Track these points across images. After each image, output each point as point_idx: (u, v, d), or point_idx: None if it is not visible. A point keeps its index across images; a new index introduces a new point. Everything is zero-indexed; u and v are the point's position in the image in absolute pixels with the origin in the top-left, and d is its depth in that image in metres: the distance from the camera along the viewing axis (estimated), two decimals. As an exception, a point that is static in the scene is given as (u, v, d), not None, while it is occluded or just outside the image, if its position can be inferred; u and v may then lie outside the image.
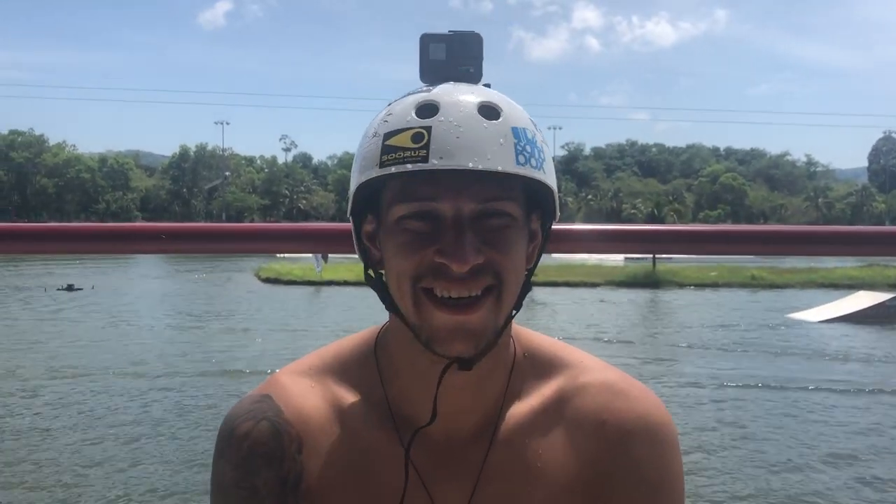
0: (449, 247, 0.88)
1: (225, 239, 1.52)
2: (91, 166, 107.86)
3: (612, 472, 1.01)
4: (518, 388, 1.05)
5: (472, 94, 0.92)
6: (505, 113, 0.91)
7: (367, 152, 0.93)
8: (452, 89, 0.93)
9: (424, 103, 0.91)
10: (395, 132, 0.90)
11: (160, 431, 12.94)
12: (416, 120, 0.89)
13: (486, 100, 0.91)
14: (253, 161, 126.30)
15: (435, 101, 0.90)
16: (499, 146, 0.88)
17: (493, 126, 0.89)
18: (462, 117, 0.88)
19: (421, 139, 0.88)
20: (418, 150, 0.87)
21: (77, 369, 17.87)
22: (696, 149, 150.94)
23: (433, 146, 0.87)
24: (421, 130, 0.88)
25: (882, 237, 1.55)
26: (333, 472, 1.01)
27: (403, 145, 0.88)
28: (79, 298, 33.51)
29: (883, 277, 42.54)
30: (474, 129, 0.88)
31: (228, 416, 1.05)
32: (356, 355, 1.08)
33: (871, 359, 20.75)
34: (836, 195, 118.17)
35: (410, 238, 0.91)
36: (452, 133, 0.87)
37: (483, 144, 0.87)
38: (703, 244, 1.54)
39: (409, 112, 0.91)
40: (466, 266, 0.87)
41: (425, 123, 0.88)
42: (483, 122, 0.89)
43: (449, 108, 0.89)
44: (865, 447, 12.42)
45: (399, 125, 0.90)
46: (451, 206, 0.89)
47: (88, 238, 1.49)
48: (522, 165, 0.89)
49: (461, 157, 0.86)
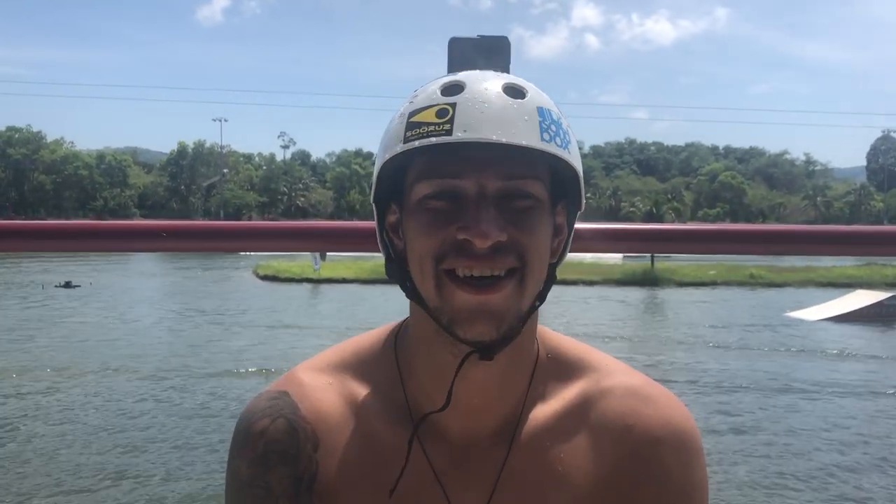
0: (471, 222, 0.86)
1: (225, 237, 1.52)
2: (89, 163, 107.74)
3: (637, 479, 0.99)
4: (541, 389, 1.03)
5: (498, 78, 0.92)
6: (530, 93, 0.91)
7: (392, 132, 0.92)
8: (479, 74, 0.94)
9: (450, 83, 0.91)
10: (420, 110, 0.90)
11: (162, 432, 12.93)
12: (441, 98, 0.89)
13: (512, 82, 0.92)
14: (251, 158, 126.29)
15: (461, 82, 0.91)
16: (524, 122, 0.87)
17: (518, 104, 0.89)
18: (487, 95, 0.88)
19: (445, 114, 0.87)
20: (442, 125, 0.87)
21: (71, 368, 17.86)
22: (695, 147, 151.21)
23: (457, 120, 0.86)
24: (446, 106, 0.88)
25: (881, 237, 1.55)
26: (349, 470, 1.00)
27: (428, 121, 0.88)
28: (76, 296, 33.50)
29: (881, 276, 42.62)
30: (499, 106, 0.88)
31: (245, 413, 1.04)
32: (375, 352, 1.07)
33: (868, 358, 20.79)
34: (834, 194, 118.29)
35: (433, 217, 0.90)
36: (477, 109, 0.87)
37: (508, 119, 0.87)
38: (703, 243, 1.54)
39: (435, 92, 0.91)
40: (489, 241, 0.86)
41: (450, 100, 0.88)
42: (508, 100, 0.89)
43: (474, 88, 0.89)
44: (862, 446, 12.44)
45: (424, 103, 0.90)
46: (475, 182, 0.88)
47: (88, 236, 1.49)
48: (547, 142, 0.88)
49: (485, 130, 0.85)
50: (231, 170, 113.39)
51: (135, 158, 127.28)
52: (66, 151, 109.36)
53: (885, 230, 1.55)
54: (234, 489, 1.02)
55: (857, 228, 1.55)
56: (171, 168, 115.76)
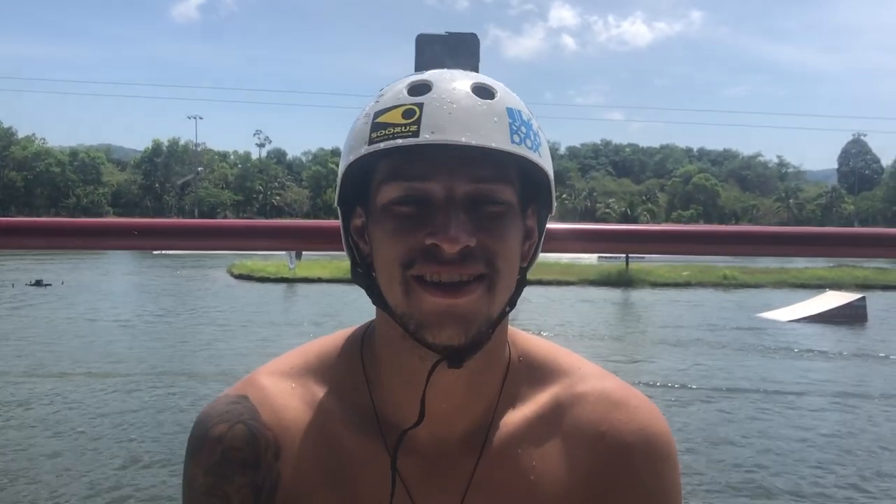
0: (440, 227, 0.83)
1: (198, 236, 1.50)
2: (61, 160, 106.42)
3: (610, 486, 0.97)
4: (512, 394, 1.00)
5: (467, 77, 0.89)
6: (500, 94, 0.88)
7: (357, 133, 0.89)
8: (447, 73, 0.90)
9: (417, 83, 0.88)
10: (386, 110, 0.87)
11: (126, 431, 12.78)
12: (408, 98, 0.86)
13: (481, 81, 0.89)
14: (226, 156, 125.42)
15: (428, 81, 0.88)
16: (493, 124, 0.84)
17: (487, 105, 0.86)
18: (455, 95, 0.85)
19: (412, 115, 0.84)
20: (409, 126, 0.83)
21: (41, 368, 17.61)
22: (670, 149, 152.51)
23: (424, 121, 0.83)
24: (412, 107, 0.85)
25: (850, 238, 1.57)
26: (312, 480, 0.96)
27: (394, 122, 0.85)
28: (47, 295, 33.04)
29: (851, 278, 43.24)
30: (468, 107, 0.85)
31: (201, 417, 0.99)
32: (341, 355, 1.03)
33: (837, 358, 21.10)
34: (806, 196, 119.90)
35: (400, 223, 0.86)
36: (445, 109, 0.84)
37: (477, 121, 0.84)
38: (677, 244, 1.54)
39: (401, 91, 0.88)
40: (457, 245, 0.83)
41: (417, 101, 0.85)
42: (477, 100, 0.86)
43: (442, 87, 0.86)
44: (834, 448, 12.60)
45: (390, 103, 0.87)
46: (443, 186, 0.85)
47: (58, 233, 1.47)
48: (517, 144, 0.85)
49: (453, 132, 0.82)
50: (206, 168, 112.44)
51: (108, 156, 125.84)
52: (38, 148, 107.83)
53: (855, 232, 1.56)
54: (191, 496, 0.97)
55: (827, 230, 1.57)
56: (146, 166, 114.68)
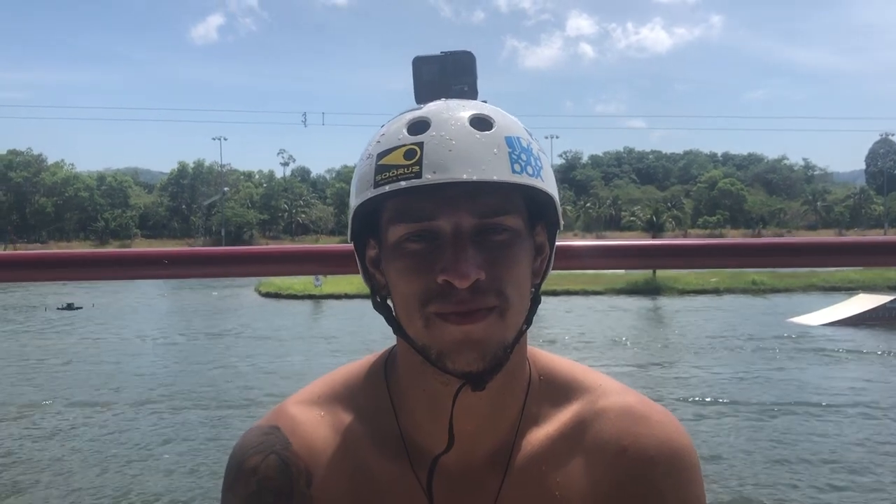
0: (449, 263, 0.86)
1: (226, 263, 1.52)
2: (90, 184, 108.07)
3: (634, 501, 0.98)
4: (534, 412, 1.02)
5: (463, 109, 0.91)
6: (497, 123, 0.90)
7: (362, 174, 0.92)
8: (443, 105, 0.92)
9: (415, 120, 0.90)
10: (388, 151, 0.89)
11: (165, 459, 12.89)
12: (408, 137, 0.88)
13: (477, 112, 0.90)
14: (251, 176, 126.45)
15: (426, 118, 0.89)
16: (493, 156, 0.86)
17: (485, 137, 0.88)
18: (454, 131, 0.87)
19: (413, 155, 0.86)
20: (411, 167, 0.86)
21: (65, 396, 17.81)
22: (694, 155, 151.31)
23: (426, 161, 0.85)
24: (413, 147, 0.87)
25: (882, 247, 1.56)
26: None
27: (396, 163, 0.87)
28: (77, 318, 33.50)
29: (883, 280, 42.57)
30: (467, 142, 0.86)
31: (236, 449, 1.03)
32: (366, 382, 1.05)
33: (871, 363, 20.75)
34: (834, 198, 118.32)
35: (412, 262, 0.89)
36: (444, 147, 0.86)
37: (477, 155, 0.86)
38: (701, 258, 1.54)
39: (401, 130, 0.90)
40: (468, 281, 0.85)
41: (417, 140, 0.87)
42: (475, 133, 0.87)
43: (440, 123, 0.88)
44: (866, 457, 12.38)
45: (391, 144, 0.89)
46: (450, 222, 0.87)
47: (90, 265, 1.50)
48: (518, 174, 0.87)
49: (455, 169, 0.85)
50: (231, 188, 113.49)
51: (135, 179, 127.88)
52: (67, 173, 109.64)
53: (887, 241, 1.55)
54: None
55: (857, 240, 1.55)
56: (172, 188, 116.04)
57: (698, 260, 1.55)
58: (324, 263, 1.52)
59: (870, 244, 1.56)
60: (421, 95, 1.04)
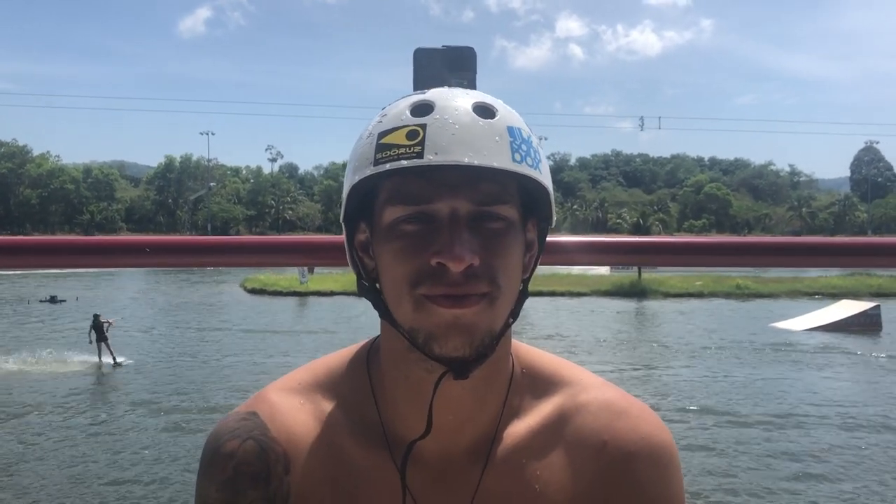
0: (445, 246, 0.85)
1: (210, 252, 1.50)
2: (75, 177, 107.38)
3: (613, 495, 0.99)
4: (516, 405, 1.02)
5: (467, 96, 0.91)
6: (500, 112, 0.90)
7: (361, 153, 0.91)
8: (447, 91, 0.92)
9: (419, 103, 0.90)
10: (390, 131, 0.89)
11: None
12: (411, 118, 0.88)
13: (482, 101, 0.91)
14: (238, 171, 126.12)
15: (430, 101, 0.89)
16: (494, 143, 0.87)
17: (488, 124, 0.88)
18: (457, 116, 0.87)
19: (416, 136, 0.86)
20: (413, 147, 0.86)
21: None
22: (681, 159, 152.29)
23: (428, 142, 0.85)
24: (416, 128, 0.87)
25: (864, 248, 1.56)
26: (321, 492, 0.98)
27: (398, 143, 0.87)
28: (60, 311, 33.25)
29: (866, 286, 42.93)
30: (470, 127, 0.87)
31: (213, 434, 1.02)
32: (347, 370, 1.05)
33: (850, 367, 20.95)
34: (819, 205, 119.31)
35: (406, 243, 0.89)
36: (448, 130, 0.86)
37: (479, 141, 0.86)
38: (690, 255, 1.54)
39: (404, 112, 0.89)
40: (462, 264, 0.85)
41: (420, 121, 0.87)
42: (479, 120, 0.88)
43: (444, 107, 0.88)
44: (840, 459, 12.47)
45: (394, 124, 0.89)
46: (448, 206, 0.87)
47: (70, 252, 1.47)
48: (519, 163, 0.88)
49: (457, 152, 0.85)
50: (218, 183, 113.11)
51: (122, 172, 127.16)
52: (52, 165, 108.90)
53: (870, 242, 1.55)
54: None
55: (841, 240, 1.55)
56: (159, 182, 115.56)
57: (683, 258, 1.55)
58: (308, 255, 1.49)
59: (853, 245, 1.56)
60: (420, 87, 1.03)
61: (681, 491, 1.01)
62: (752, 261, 1.58)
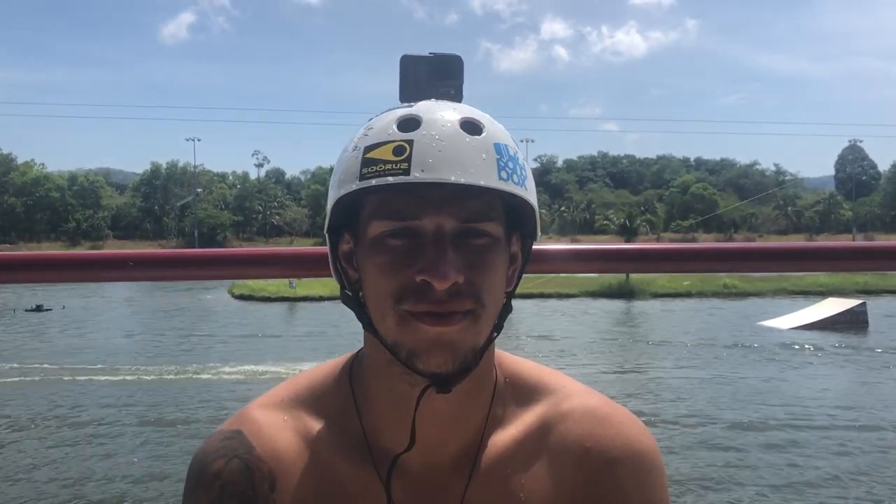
0: (430, 264, 0.86)
1: (195, 265, 1.49)
2: (61, 185, 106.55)
3: (598, 501, 0.99)
4: (500, 415, 1.02)
5: (454, 111, 0.91)
6: (487, 129, 0.90)
7: (347, 166, 0.91)
8: (434, 105, 0.92)
9: (406, 117, 0.89)
10: (376, 145, 0.88)
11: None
12: (398, 133, 0.88)
13: (469, 116, 0.91)
14: (225, 177, 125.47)
15: (417, 116, 0.89)
16: (481, 161, 0.87)
17: (475, 141, 0.88)
18: (444, 132, 0.87)
19: (402, 152, 0.86)
20: (399, 163, 0.85)
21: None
22: (667, 160, 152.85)
23: (415, 159, 0.85)
24: (403, 143, 0.86)
25: (850, 252, 1.57)
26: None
27: (384, 158, 0.86)
28: (46, 321, 33.01)
29: (852, 284, 43.26)
30: (456, 144, 0.86)
31: (199, 454, 1.02)
32: (330, 384, 1.05)
33: (835, 365, 21.08)
34: (804, 203, 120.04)
35: (391, 257, 0.89)
36: (434, 147, 0.86)
37: (465, 159, 0.86)
38: (677, 262, 1.54)
39: (391, 126, 0.89)
40: (448, 282, 0.85)
41: (407, 137, 0.87)
42: (465, 136, 0.88)
43: (431, 123, 0.88)
44: (827, 461, 12.54)
45: (380, 138, 0.88)
46: (433, 222, 0.87)
47: (53, 267, 1.46)
48: (505, 181, 0.88)
49: (443, 170, 0.84)
50: (205, 189, 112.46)
51: (107, 179, 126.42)
52: (37, 173, 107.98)
53: (855, 246, 1.56)
54: None
55: (826, 244, 1.56)
56: (145, 188, 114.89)
57: (667, 264, 1.56)
58: (294, 266, 1.49)
59: (836, 249, 1.57)
60: (406, 95, 1.04)
61: (665, 496, 1.02)
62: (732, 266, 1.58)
